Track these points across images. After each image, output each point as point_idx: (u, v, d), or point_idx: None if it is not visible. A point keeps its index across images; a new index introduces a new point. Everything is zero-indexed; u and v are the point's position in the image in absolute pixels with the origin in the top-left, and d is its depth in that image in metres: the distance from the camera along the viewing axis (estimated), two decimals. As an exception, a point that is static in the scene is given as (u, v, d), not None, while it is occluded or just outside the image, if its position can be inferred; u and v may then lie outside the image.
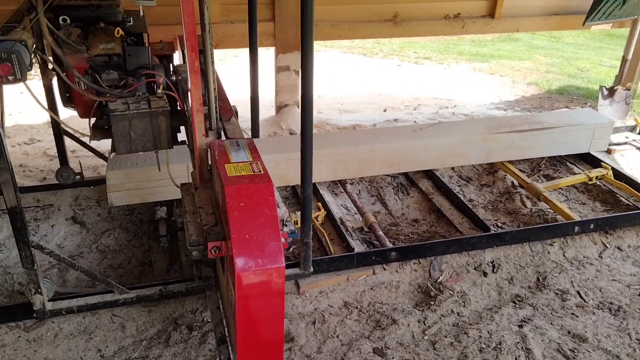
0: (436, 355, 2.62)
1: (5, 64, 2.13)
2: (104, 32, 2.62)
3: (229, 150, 2.10)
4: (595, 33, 10.37)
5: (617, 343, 2.73)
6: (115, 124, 2.44)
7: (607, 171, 4.07)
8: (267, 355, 1.99)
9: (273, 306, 1.89)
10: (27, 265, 2.48)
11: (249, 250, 1.78)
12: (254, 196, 1.85)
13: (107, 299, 2.72)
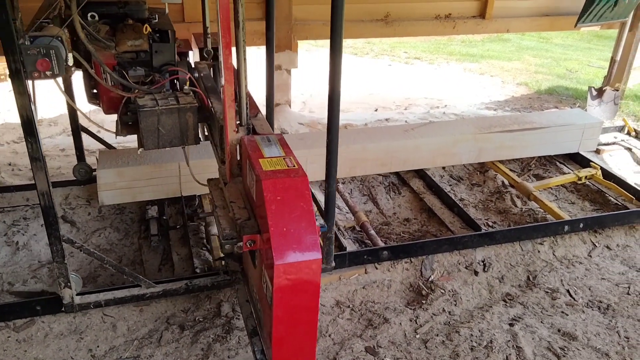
0: (428, 353, 2.63)
1: (44, 60, 2.14)
2: (132, 29, 2.65)
3: (261, 145, 2.14)
4: (584, 34, 10.46)
5: (606, 341, 2.76)
6: (144, 119, 2.46)
7: (596, 171, 4.11)
8: (301, 346, 2.01)
9: (308, 297, 1.92)
10: (58, 259, 2.50)
11: (286, 242, 1.82)
12: (290, 190, 1.89)
13: (134, 292, 2.74)
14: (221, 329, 2.69)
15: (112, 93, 2.61)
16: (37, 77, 2.17)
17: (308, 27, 4.73)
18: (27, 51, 2.12)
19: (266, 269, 1.91)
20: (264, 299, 2.05)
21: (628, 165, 4.53)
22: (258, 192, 1.94)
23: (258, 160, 2.01)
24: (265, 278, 1.94)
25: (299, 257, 1.82)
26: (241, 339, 2.65)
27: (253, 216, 2.06)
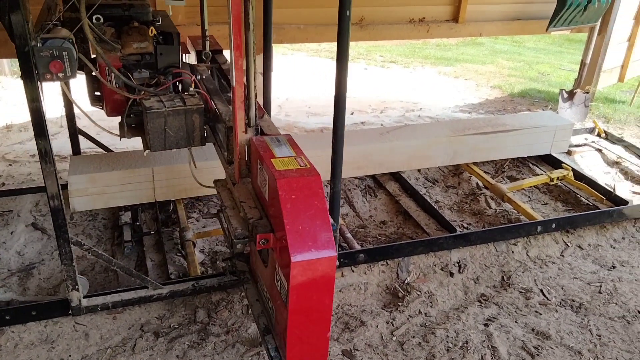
0: (404, 355, 2.64)
1: (57, 61, 2.14)
2: (137, 32, 2.67)
3: (271, 145, 2.17)
4: (555, 38, 10.66)
5: (579, 339, 2.80)
6: (152, 121, 2.47)
7: (568, 172, 4.18)
8: (315, 342, 2.05)
9: (323, 294, 1.95)
10: (66, 261, 2.50)
11: (302, 240, 1.85)
12: (305, 189, 1.92)
13: (141, 294, 2.75)
14: (197, 335, 2.66)
15: (117, 95, 2.62)
16: (49, 79, 2.17)
17: (283, 30, 4.71)
18: (39, 53, 2.11)
19: (281, 267, 1.95)
20: (277, 296, 2.08)
21: (598, 166, 4.62)
22: (272, 192, 1.97)
23: (270, 160, 2.03)
24: (280, 276, 1.98)
25: (315, 254, 1.85)
26: (217, 344, 2.62)
27: (265, 215, 2.08)
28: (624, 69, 6.42)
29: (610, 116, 5.99)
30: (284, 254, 1.87)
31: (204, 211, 3.61)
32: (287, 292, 1.90)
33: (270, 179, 1.97)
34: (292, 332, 1.99)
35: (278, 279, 2.01)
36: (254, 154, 2.21)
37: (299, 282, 1.87)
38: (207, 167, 3.27)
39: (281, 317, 2.06)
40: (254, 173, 2.24)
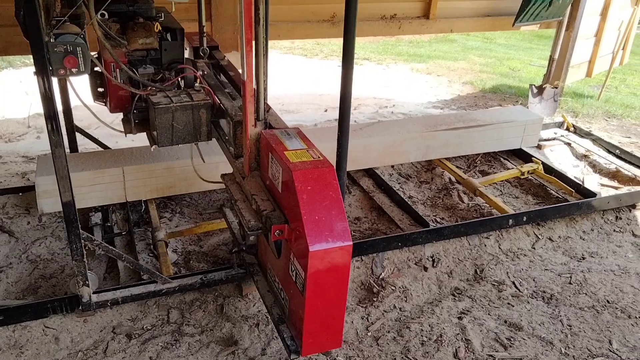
0: (380, 350, 2.65)
1: (71, 57, 2.14)
2: (142, 28, 2.69)
3: (282, 139, 2.22)
4: (525, 34, 10.84)
5: (550, 330, 2.85)
6: (159, 116, 2.50)
7: (538, 166, 4.25)
8: (330, 329, 2.11)
9: (339, 282, 2.01)
10: (77, 257, 2.48)
11: (319, 230, 1.90)
12: (319, 180, 1.98)
13: (151, 289, 2.74)
14: (170, 336, 2.63)
15: (122, 91, 2.64)
16: (62, 74, 2.17)
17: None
18: (54, 48, 2.11)
19: (297, 257, 1.99)
20: (291, 286, 2.12)
21: (567, 159, 4.71)
22: (286, 183, 2.01)
23: (284, 153, 2.08)
24: (295, 266, 2.02)
25: (332, 244, 1.91)
26: (191, 345, 2.59)
27: (277, 207, 2.12)
28: (592, 64, 6.55)
29: (578, 110, 6.11)
30: (301, 244, 1.92)
31: (177, 210, 3.57)
32: (304, 281, 1.95)
33: (284, 171, 2.01)
34: (309, 319, 2.03)
35: (293, 269, 2.06)
36: (264, 147, 2.25)
37: (316, 271, 1.93)
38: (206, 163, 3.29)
39: (297, 306, 2.11)
40: (264, 166, 2.28)
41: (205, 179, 2.97)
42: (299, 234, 1.95)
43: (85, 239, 2.50)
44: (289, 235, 2.04)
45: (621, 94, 7.05)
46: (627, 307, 3.04)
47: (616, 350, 2.74)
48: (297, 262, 2.00)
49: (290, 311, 2.22)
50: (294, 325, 2.19)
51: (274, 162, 2.12)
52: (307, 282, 1.94)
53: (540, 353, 2.69)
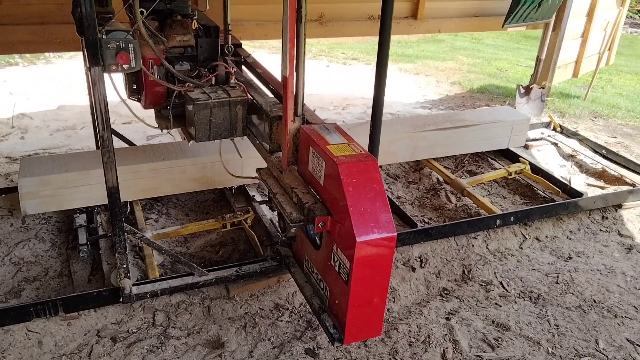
0: (367, 352, 2.64)
1: (124, 53, 2.19)
2: (180, 25, 2.76)
3: (322, 133, 2.27)
4: (513, 35, 10.89)
5: (537, 330, 2.85)
6: (198, 112, 2.56)
7: (525, 166, 4.26)
8: (373, 316, 2.17)
9: (383, 272, 2.06)
10: (120, 250, 2.53)
11: (365, 222, 1.95)
12: (364, 173, 2.03)
13: (188, 281, 2.79)
14: (156, 339, 2.60)
15: (159, 87, 2.69)
16: (114, 70, 2.21)
17: (242, 27, 4.66)
18: (107, 44, 2.16)
19: (342, 248, 2.05)
20: (333, 276, 2.18)
21: (554, 159, 4.73)
22: (330, 177, 2.08)
23: (326, 147, 2.13)
24: (339, 257, 2.09)
25: (377, 234, 1.96)
26: (177, 348, 2.57)
27: (319, 200, 2.17)
28: (578, 65, 6.60)
29: (565, 111, 6.14)
30: (346, 236, 1.97)
31: (163, 212, 3.54)
32: (349, 271, 2.01)
33: (328, 165, 2.07)
34: (353, 308, 2.09)
35: (336, 260, 2.12)
36: (304, 141, 2.30)
37: (362, 261, 1.98)
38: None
39: (339, 295, 2.17)
40: (302, 160, 2.34)
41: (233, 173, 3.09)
42: (344, 225, 2.00)
43: (129, 232, 2.56)
44: (331, 227, 2.09)
45: (607, 94, 7.10)
46: (614, 306, 3.06)
47: (603, 349, 2.75)
48: (342, 252, 2.05)
49: (331, 301, 2.27)
50: (335, 314, 2.24)
51: (316, 156, 2.18)
52: (352, 273, 1.99)
53: (527, 353, 2.69)
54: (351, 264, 1.99)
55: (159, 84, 2.69)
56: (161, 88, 2.70)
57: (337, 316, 2.24)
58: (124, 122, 5.00)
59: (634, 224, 3.89)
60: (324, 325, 2.29)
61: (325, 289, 2.31)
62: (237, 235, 3.35)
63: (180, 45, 2.76)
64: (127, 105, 2.83)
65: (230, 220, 3.25)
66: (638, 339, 2.85)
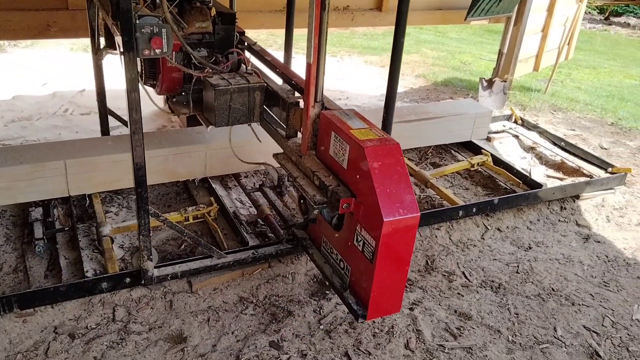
0: (332, 343, 2.64)
1: (158, 38, 2.23)
2: (199, 12, 2.81)
3: (343, 118, 2.35)
4: (476, 29, 11.04)
5: (498, 318, 2.91)
6: (218, 98, 2.62)
7: (487, 158, 4.33)
8: (395, 292, 2.30)
9: (406, 250, 2.18)
10: (144, 232, 2.56)
11: (391, 202, 2.06)
12: (388, 156, 2.13)
13: (207, 263, 2.83)
14: (116, 335, 2.54)
15: (176, 73, 2.76)
16: (147, 54, 2.25)
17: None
18: (141, 29, 2.19)
19: (367, 228, 2.14)
20: (355, 255, 2.29)
21: (515, 151, 4.82)
22: (354, 160, 2.17)
23: (350, 132, 2.22)
24: (363, 236, 2.19)
25: (402, 214, 2.06)
26: (138, 343, 2.51)
27: (341, 183, 2.26)
28: (539, 59, 6.74)
29: (526, 104, 6.27)
30: (372, 216, 2.08)
31: (124, 205, 3.45)
32: (374, 250, 2.11)
33: (353, 148, 2.17)
34: (377, 286, 2.20)
35: (360, 239, 2.21)
36: (325, 126, 2.39)
37: (388, 240, 2.08)
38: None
39: (362, 274, 2.27)
40: (323, 145, 2.43)
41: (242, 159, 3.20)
42: (369, 206, 2.10)
43: (153, 214, 2.59)
44: (355, 209, 2.19)
45: (566, 88, 7.28)
46: (571, 294, 3.14)
47: (560, 336, 2.83)
48: (366, 232, 2.15)
49: (353, 279, 2.37)
50: (357, 292, 2.35)
51: (339, 140, 2.27)
52: (378, 251, 2.09)
53: (488, 341, 2.74)
54: (377, 243, 2.08)
55: (176, 70, 2.75)
56: (178, 74, 2.77)
57: (359, 294, 2.34)
58: (83, 112, 4.86)
59: (590, 214, 4.00)
60: (347, 302, 2.39)
61: (346, 268, 2.42)
62: (201, 228, 3.30)
63: (199, 31, 2.80)
64: (146, 91, 2.78)
65: (193, 213, 3.20)
66: (594, 325, 2.93)
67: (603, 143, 5.29)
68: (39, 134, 4.41)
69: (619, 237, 3.79)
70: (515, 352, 2.70)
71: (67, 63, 6.42)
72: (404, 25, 2.79)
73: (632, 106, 6.67)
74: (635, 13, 14.33)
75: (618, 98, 6.97)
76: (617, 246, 3.68)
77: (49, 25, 4.00)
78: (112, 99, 3.87)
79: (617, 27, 13.43)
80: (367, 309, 2.26)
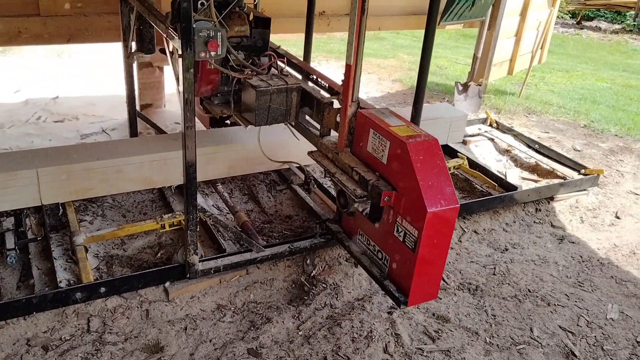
0: (310, 349, 2.63)
1: (214, 41, 2.37)
2: (237, 16, 2.95)
3: (381, 116, 2.50)
4: (452, 33, 11.16)
5: (475, 320, 2.93)
6: (259, 98, 2.76)
7: (463, 161, 4.37)
8: (434, 278, 2.46)
9: (446, 239, 2.33)
10: (192, 227, 2.65)
11: (433, 194, 2.20)
12: (428, 150, 2.28)
13: (247, 257, 2.94)
14: (91, 346, 2.50)
15: (214, 75, 2.90)
16: (202, 56, 2.39)
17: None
18: (199, 33, 2.34)
19: (409, 219, 2.30)
20: (395, 245, 2.44)
21: (491, 154, 4.87)
22: (395, 155, 2.32)
23: (390, 129, 2.37)
24: (404, 227, 2.34)
25: (444, 205, 2.21)
26: (114, 354, 2.48)
27: (380, 177, 2.42)
28: (513, 63, 6.83)
29: (501, 107, 6.35)
30: (415, 207, 2.23)
31: (98, 213, 3.40)
32: (416, 239, 2.26)
33: (394, 144, 2.32)
34: (418, 274, 2.35)
35: (400, 230, 2.37)
36: (363, 124, 2.53)
37: (431, 230, 2.22)
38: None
39: (403, 262, 2.42)
40: (360, 142, 2.58)
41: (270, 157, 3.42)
42: (411, 198, 2.25)
43: (200, 210, 2.74)
44: (395, 201, 2.33)
45: (540, 92, 7.39)
46: (547, 295, 3.18)
47: (537, 337, 2.86)
48: (408, 223, 2.30)
49: (393, 269, 2.51)
50: (397, 280, 2.49)
51: (378, 137, 2.42)
52: (421, 241, 2.23)
53: (466, 343, 2.76)
54: (420, 233, 2.23)
55: (214, 72, 2.89)
56: (216, 76, 2.92)
57: (399, 282, 2.48)
58: (56, 120, 4.78)
59: (565, 216, 4.07)
60: (387, 290, 2.52)
61: (385, 258, 2.56)
62: (177, 236, 3.26)
63: (238, 35, 2.94)
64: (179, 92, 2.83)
65: (169, 220, 3.16)
66: (569, 325, 2.97)
67: (576, 145, 5.39)
68: (11, 142, 4.32)
69: (593, 238, 3.85)
70: (492, 354, 2.72)
71: (40, 70, 6.31)
72: (434, 26, 3.13)
73: (604, 109, 6.80)
74: (606, 17, 14.65)
75: (590, 101, 7.11)
76: (591, 246, 3.74)
77: (20, 32, 3.93)
78: (87, 105, 3.83)
79: (588, 31, 13.70)
80: (408, 295, 2.41)
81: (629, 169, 4.95)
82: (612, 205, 4.27)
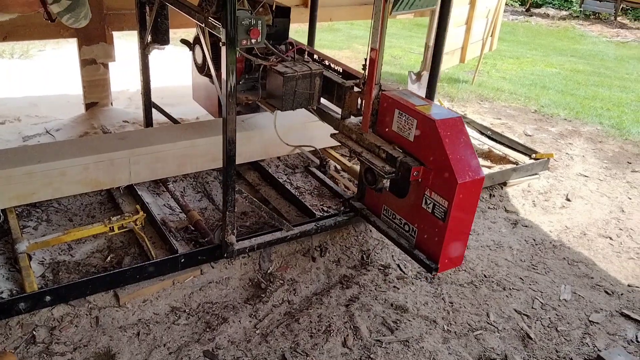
0: (268, 348, 2.59)
1: (256, 29, 2.49)
2: (262, 6, 3.05)
3: (405, 97, 2.66)
4: (406, 23, 11.22)
5: (433, 309, 2.94)
6: (286, 84, 2.89)
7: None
8: (461, 245, 2.64)
9: (472, 209, 2.52)
10: (230, 208, 2.77)
11: (462, 166, 2.37)
12: (454, 127, 2.44)
13: (278, 236, 3.04)
14: (38, 358, 2.39)
15: (239, 63, 2.97)
16: (244, 44, 2.51)
17: (123, 17, 4.39)
18: (241, 21, 2.43)
19: (439, 191, 2.47)
20: (424, 217, 2.61)
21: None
22: (424, 132, 2.48)
23: (416, 108, 2.54)
24: (433, 199, 2.51)
25: (472, 176, 2.38)
26: (62, 365, 2.37)
27: (407, 154, 2.58)
28: (464, 51, 6.90)
29: (454, 95, 6.42)
30: (445, 180, 2.40)
31: (43, 218, 3.25)
32: (446, 209, 2.44)
33: (421, 122, 2.48)
34: (448, 242, 2.51)
35: (429, 202, 2.54)
36: (387, 105, 2.68)
37: (460, 200, 2.39)
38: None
39: (432, 232, 2.58)
40: (383, 122, 2.73)
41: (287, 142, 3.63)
42: (440, 172, 2.41)
43: (238, 192, 2.87)
44: (423, 176, 2.51)
45: (492, 78, 7.51)
46: (502, 280, 3.22)
47: (493, 322, 2.89)
48: (437, 195, 2.47)
49: (421, 239, 2.68)
50: (426, 249, 2.67)
51: (404, 116, 2.58)
52: (451, 211, 2.40)
53: (425, 332, 2.76)
54: (450, 204, 2.40)
55: (240, 59, 3.00)
56: (241, 64, 3.04)
57: (428, 251, 2.66)
58: (-2, 122, 4.56)
59: (518, 200, 4.14)
60: (418, 259, 2.70)
61: (412, 230, 2.74)
62: (127, 238, 3.16)
63: None
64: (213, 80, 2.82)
65: (118, 222, 3.05)
66: (524, 308, 3.02)
67: (527, 130, 5.49)
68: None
69: (545, 221, 3.93)
70: (450, 341, 2.74)
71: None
72: (448, 8, 3.52)
73: (553, 93, 6.96)
74: (553, 4, 15.01)
75: (540, 86, 7.26)
76: (544, 229, 3.82)
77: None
78: (30, 105, 3.64)
79: (537, 18, 14.01)
80: (438, 262, 2.57)
81: (578, 152, 5.07)
82: (562, 188, 4.37)
